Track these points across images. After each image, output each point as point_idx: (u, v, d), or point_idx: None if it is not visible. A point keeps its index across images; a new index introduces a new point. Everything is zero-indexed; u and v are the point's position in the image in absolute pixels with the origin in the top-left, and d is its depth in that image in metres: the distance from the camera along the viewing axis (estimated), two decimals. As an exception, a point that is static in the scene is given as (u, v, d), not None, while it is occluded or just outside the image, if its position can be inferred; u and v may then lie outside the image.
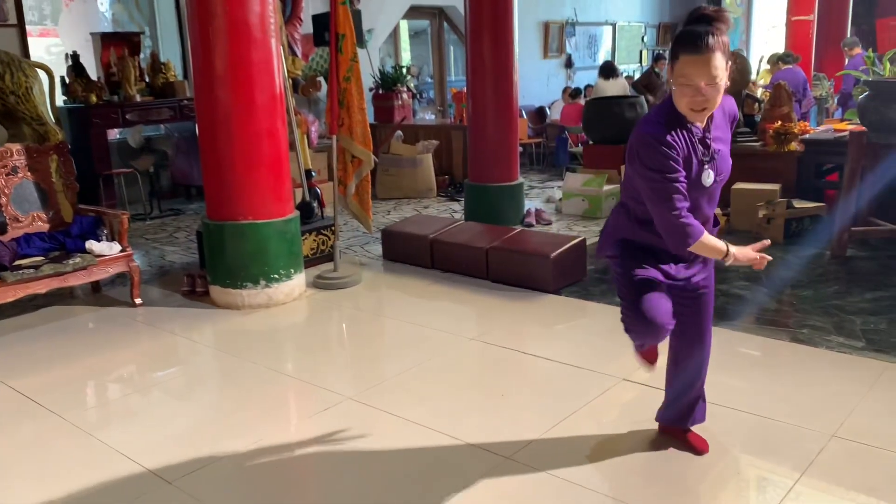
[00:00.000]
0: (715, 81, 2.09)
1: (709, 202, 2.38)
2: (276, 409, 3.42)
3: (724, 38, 2.09)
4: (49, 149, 4.95)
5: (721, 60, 2.08)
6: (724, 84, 2.13)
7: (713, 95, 2.12)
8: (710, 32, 2.07)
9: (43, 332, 4.37)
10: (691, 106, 2.14)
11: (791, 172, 6.13)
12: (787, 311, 4.29)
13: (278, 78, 4.57)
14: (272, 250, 4.61)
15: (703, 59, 2.07)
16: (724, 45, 2.09)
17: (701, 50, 2.06)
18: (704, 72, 2.08)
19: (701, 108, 2.15)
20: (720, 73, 2.09)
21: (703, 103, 2.13)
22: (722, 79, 2.10)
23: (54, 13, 8.25)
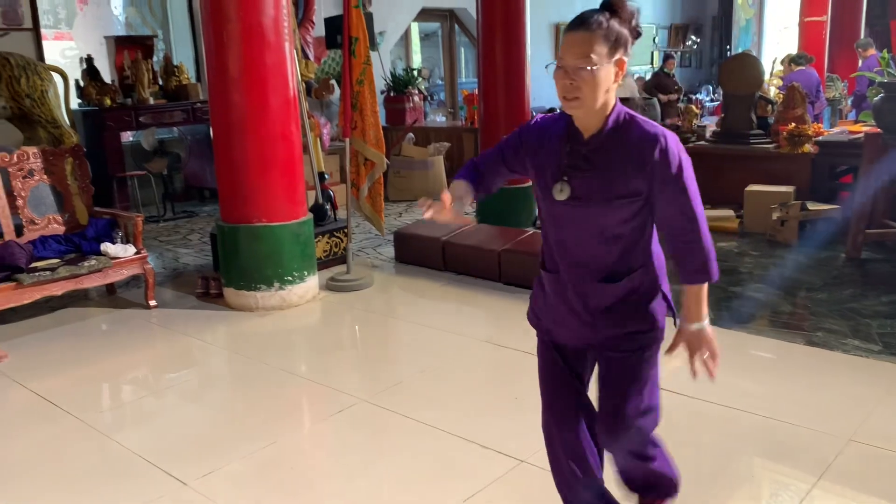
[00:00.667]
0: (587, 64, 1.76)
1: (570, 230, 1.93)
2: (290, 411, 3.43)
3: (614, 26, 1.78)
4: (64, 152, 4.99)
5: (601, 45, 1.76)
6: (602, 75, 1.78)
7: (585, 82, 1.77)
8: (600, 16, 1.79)
9: (58, 333, 4.40)
10: (562, 92, 1.82)
11: (805, 174, 6.11)
12: (802, 314, 4.27)
13: (292, 81, 4.59)
14: (286, 252, 4.63)
15: (578, 37, 1.78)
16: (612, 33, 1.78)
17: (578, 27, 1.79)
18: (577, 50, 1.77)
19: (572, 97, 1.80)
20: (595, 58, 1.76)
21: (573, 90, 1.79)
22: (598, 65, 1.76)
23: (69, 17, 8.32)
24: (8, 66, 6.14)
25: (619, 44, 1.80)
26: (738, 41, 15.38)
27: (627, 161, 1.83)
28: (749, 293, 4.58)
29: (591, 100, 1.80)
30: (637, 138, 1.83)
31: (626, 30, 1.80)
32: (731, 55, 10.80)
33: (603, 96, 1.81)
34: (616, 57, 1.80)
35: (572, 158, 1.88)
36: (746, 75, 6.60)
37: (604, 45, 1.77)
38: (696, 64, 15.57)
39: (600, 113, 1.84)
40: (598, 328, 1.99)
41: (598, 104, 1.82)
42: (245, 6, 4.32)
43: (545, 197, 1.92)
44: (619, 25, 1.79)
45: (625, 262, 1.94)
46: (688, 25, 15.21)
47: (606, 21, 1.78)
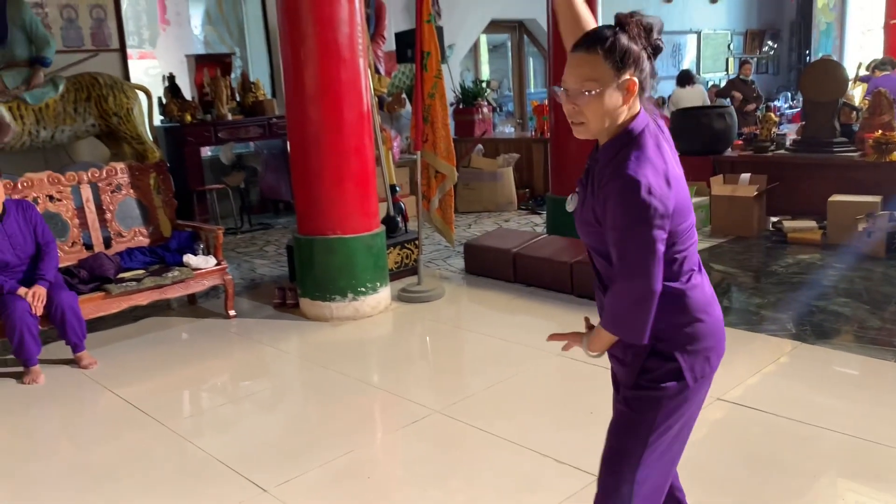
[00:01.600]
0: (585, 89, 1.61)
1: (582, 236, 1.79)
2: (365, 421, 3.48)
3: (621, 44, 1.61)
4: (149, 167, 5.21)
5: (604, 67, 1.60)
6: (604, 100, 1.62)
7: (588, 110, 1.63)
8: (607, 35, 1.62)
9: (143, 341, 4.58)
10: (567, 116, 1.69)
11: (893, 183, 5.84)
12: (891, 329, 4.08)
13: (366, 96, 4.67)
14: (359, 264, 4.70)
15: (579, 59, 1.63)
16: (619, 52, 1.60)
17: (580, 47, 1.64)
18: (577, 73, 1.63)
19: (578, 122, 1.67)
20: (597, 80, 1.61)
21: (574, 114, 1.66)
22: (601, 90, 1.61)
23: (152, 37, 8.68)
24: (97, 85, 6.45)
25: (626, 63, 1.61)
26: (818, 45, 14.88)
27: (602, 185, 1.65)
28: (834, 307, 4.41)
29: (596, 125, 1.66)
30: (610, 170, 1.64)
31: (636, 46, 1.62)
32: (812, 60, 10.45)
33: (609, 119, 1.65)
34: (623, 78, 1.62)
35: (584, 172, 1.78)
36: (829, 81, 6.37)
37: (607, 66, 1.61)
38: (773, 70, 15.13)
39: (610, 131, 1.68)
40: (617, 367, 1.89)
41: (605, 128, 1.66)
42: (321, 24, 4.42)
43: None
44: (628, 42, 1.62)
45: None
46: (764, 31, 14.81)
47: (612, 38, 1.61)
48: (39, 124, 6.21)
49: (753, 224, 6.26)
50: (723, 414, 3.22)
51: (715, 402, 3.29)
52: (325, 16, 4.42)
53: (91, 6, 7.24)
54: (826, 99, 6.36)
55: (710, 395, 3.32)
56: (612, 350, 1.82)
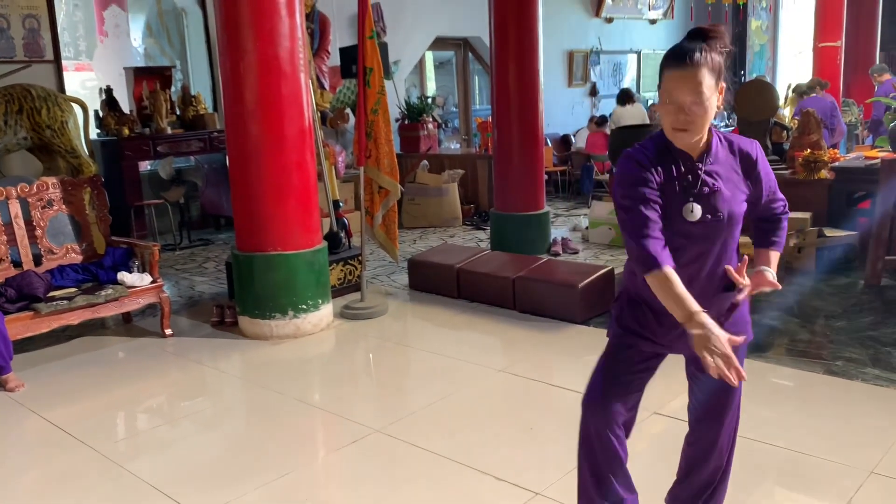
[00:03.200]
0: (700, 99, 1.87)
1: (702, 247, 1.99)
2: (305, 441, 3.42)
3: (714, 56, 1.89)
4: (83, 182, 5.06)
5: (708, 77, 1.87)
6: (711, 105, 1.89)
7: (698, 115, 1.89)
8: (699, 48, 1.88)
9: (75, 362, 4.43)
10: (673, 125, 1.92)
11: (822, 201, 6.05)
12: (821, 342, 4.22)
13: (307, 111, 4.64)
14: (300, 281, 4.64)
15: (687, 74, 1.87)
16: (714, 63, 1.89)
17: (685, 64, 1.87)
18: (688, 87, 1.87)
19: (683, 128, 1.91)
20: (706, 91, 1.87)
21: (686, 123, 1.90)
22: (709, 98, 1.88)
23: (89, 48, 8.47)
24: (29, 97, 6.25)
25: (721, 72, 1.92)
26: (752, 66, 15.39)
27: (739, 171, 2.02)
28: (766, 321, 4.53)
29: (701, 128, 1.93)
30: (741, 149, 2.03)
31: (721, 57, 1.92)
32: (746, 81, 10.79)
33: (710, 121, 1.95)
34: (719, 84, 1.92)
35: (693, 179, 1.97)
36: (761, 101, 6.59)
37: (711, 78, 1.88)
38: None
39: (703, 134, 1.96)
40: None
41: (705, 130, 1.96)
42: (261, 38, 4.38)
43: (670, 220, 1.95)
44: (717, 55, 1.90)
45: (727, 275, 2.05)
46: (701, 51, 15.24)
47: (708, 53, 1.88)
48: (-33, 137, 5.98)
49: (691, 240, 6.39)
50: (661, 428, 3.27)
51: (652, 416, 3.34)
52: (265, 30, 4.38)
53: (24, 16, 7.04)
54: (758, 118, 6.58)
55: (649, 409, 3.39)
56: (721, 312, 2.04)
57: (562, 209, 9.27)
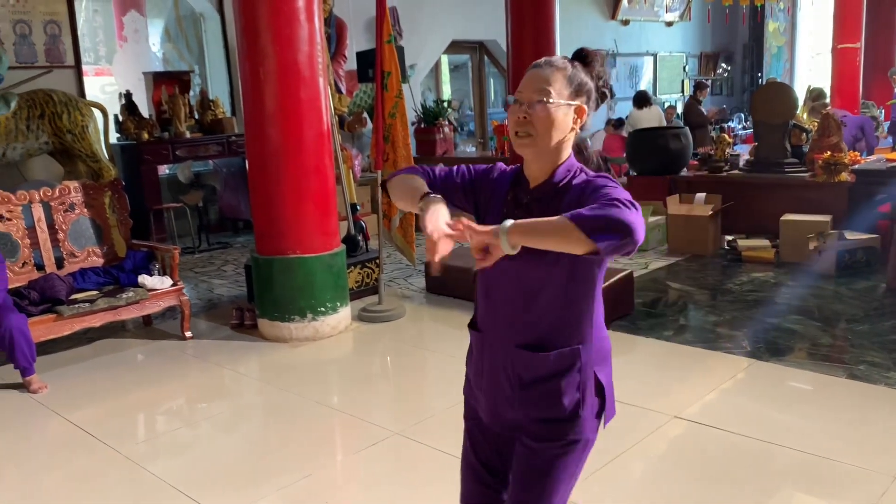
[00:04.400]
0: (544, 100, 1.62)
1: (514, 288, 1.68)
2: (323, 444, 3.44)
3: (579, 73, 1.67)
4: (104, 186, 5.11)
5: (562, 85, 1.64)
6: (559, 116, 1.63)
7: (540, 119, 1.62)
8: (565, 58, 1.70)
9: (96, 364, 4.47)
10: (514, 127, 1.66)
11: (842, 203, 6.02)
12: (842, 346, 4.18)
13: (326, 115, 4.66)
14: (319, 284, 4.66)
15: (539, 72, 1.66)
16: (576, 77, 1.66)
17: (536, 65, 1.69)
18: (535, 84, 1.65)
19: (524, 133, 1.64)
20: (554, 95, 1.62)
21: (525, 125, 1.63)
22: (556, 106, 1.62)
23: (109, 54, 8.56)
24: (51, 102, 6.32)
25: (581, 90, 1.68)
26: (770, 68, 15.30)
27: (566, 208, 1.55)
28: (787, 324, 4.50)
29: (543, 139, 1.64)
30: (578, 184, 1.65)
31: (591, 82, 1.70)
32: (763, 83, 10.73)
33: (556, 138, 1.65)
34: (577, 102, 1.67)
35: (512, 207, 1.71)
36: (779, 104, 6.55)
37: (565, 85, 1.66)
38: (726, 92, 15.50)
39: (551, 160, 1.67)
40: (515, 404, 1.71)
41: (551, 145, 1.65)
42: (280, 43, 4.41)
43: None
44: (585, 76, 1.69)
45: (557, 334, 1.68)
46: (718, 54, 15.18)
47: (573, 66, 1.68)
48: (-10, 141, 6.06)
49: (709, 243, 6.37)
50: (680, 431, 3.25)
51: (672, 420, 3.33)
52: (284, 35, 4.41)
53: (45, 22, 7.12)
54: (777, 121, 6.54)
55: (669, 413, 3.37)
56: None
57: (578, 212, 9.22)
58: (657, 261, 6.36)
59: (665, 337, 4.45)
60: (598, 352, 1.74)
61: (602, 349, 1.76)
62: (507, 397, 1.72)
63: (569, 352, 1.68)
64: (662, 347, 4.30)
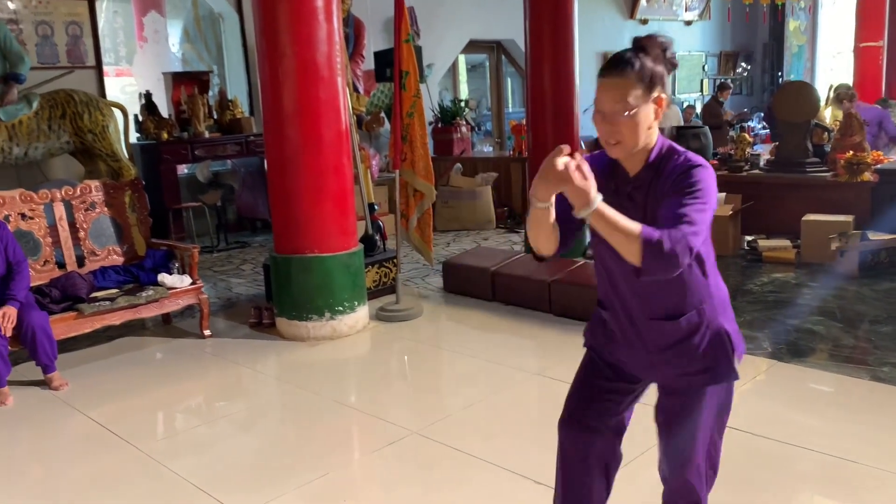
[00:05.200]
0: (624, 110, 1.73)
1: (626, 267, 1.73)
2: (341, 443, 3.44)
3: (647, 64, 1.74)
4: (124, 185, 5.15)
5: (636, 88, 1.72)
6: (642, 117, 1.74)
7: (626, 126, 1.74)
8: (630, 56, 1.75)
9: (116, 362, 4.51)
10: (602, 137, 1.79)
11: (864, 203, 5.94)
12: (866, 348, 4.13)
13: (344, 115, 4.67)
14: (337, 283, 4.67)
15: (612, 82, 1.75)
16: (646, 71, 1.74)
17: (607, 72, 1.76)
18: (611, 95, 1.74)
19: (614, 142, 1.77)
20: (632, 101, 1.72)
21: (613, 135, 1.76)
22: (636, 108, 1.72)
23: (129, 54, 8.64)
24: (72, 102, 6.39)
25: (654, 82, 1.76)
26: (791, 68, 15.14)
27: (664, 194, 1.77)
28: (808, 325, 4.45)
29: (632, 142, 1.77)
30: (675, 166, 1.79)
31: (660, 66, 1.77)
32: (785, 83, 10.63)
33: (644, 136, 1.78)
34: (654, 95, 1.76)
35: (616, 197, 1.82)
36: (801, 103, 6.48)
37: (639, 87, 1.73)
38: (746, 91, 15.37)
39: (643, 151, 1.81)
40: (655, 367, 1.95)
41: (640, 144, 1.79)
42: (299, 43, 4.42)
43: (594, 234, 1.78)
44: (653, 63, 1.75)
45: (681, 300, 1.86)
46: (738, 53, 15.05)
47: (639, 61, 1.74)
48: (12, 141, 6.14)
49: (729, 243, 6.32)
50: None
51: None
52: (303, 35, 4.42)
53: (67, 23, 7.20)
54: (799, 120, 6.47)
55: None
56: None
57: (596, 212, 9.19)
58: (676, 261, 6.30)
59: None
60: (719, 302, 1.92)
61: (721, 298, 1.94)
62: (644, 361, 1.96)
63: (695, 313, 1.86)
64: (682, 348, 4.26)
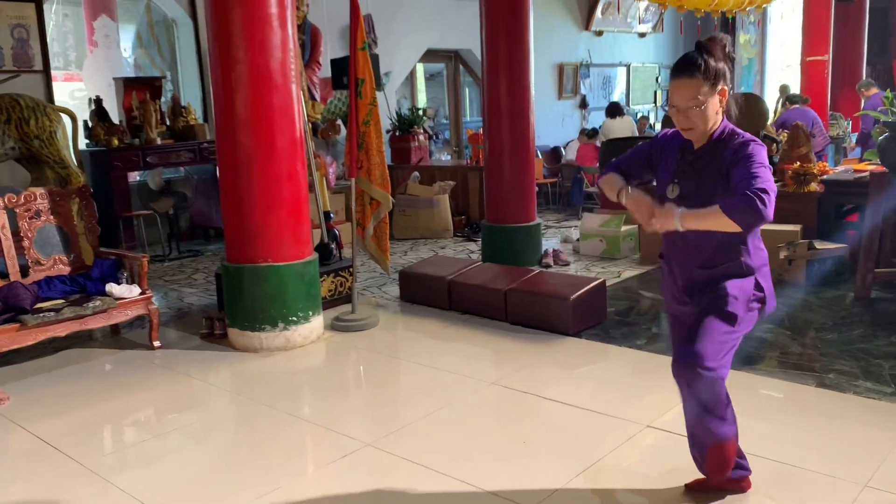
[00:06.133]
0: (695, 104, 2.23)
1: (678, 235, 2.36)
2: (293, 456, 3.38)
3: (711, 63, 2.21)
4: (71, 192, 5.01)
5: (704, 86, 2.22)
6: (710, 107, 2.25)
7: (697, 117, 2.26)
8: (695, 58, 2.22)
9: (61, 375, 4.37)
10: (679, 125, 2.33)
11: (811, 213, 6.09)
12: (812, 355, 4.22)
13: (298, 122, 4.62)
14: (291, 293, 4.61)
15: (681, 83, 2.25)
16: (710, 70, 2.22)
17: (680, 73, 2.25)
18: (683, 94, 2.24)
19: (687, 128, 2.30)
20: (700, 97, 2.22)
21: (686, 123, 2.29)
22: (704, 102, 2.23)
23: (79, 59, 8.44)
24: (18, 107, 6.21)
25: (718, 78, 2.23)
26: (741, 80, 15.50)
27: (722, 163, 2.26)
28: (757, 333, 4.53)
29: (703, 128, 2.30)
30: (733, 144, 2.27)
31: (721, 63, 2.22)
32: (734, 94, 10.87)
33: (712, 122, 2.29)
34: (718, 88, 2.25)
35: (682, 164, 2.38)
36: (751, 114, 6.63)
37: (706, 85, 2.22)
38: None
39: (710, 132, 2.32)
40: (694, 298, 2.45)
41: (709, 129, 2.30)
42: (253, 49, 4.37)
43: (661, 194, 2.41)
44: (716, 62, 2.21)
45: (722, 255, 2.36)
46: (690, 65, 15.34)
47: (704, 62, 2.20)
48: (-46, 147, 5.93)
49: (682, 252, 6.40)
50: (653, 440, 3.25)
51: (645, 429, 3.32)
52: (257, 41, 4.37)
53: (12, 26, 7.00)
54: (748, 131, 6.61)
55: (642, 422, 3.37)
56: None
57: (553, 221, 9.27)
58: (630, 269, 6.38)
59: (637, 346, 4.46)
60: (757, 259, 2.40)
61: (760, 257, 2.42)
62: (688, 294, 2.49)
63: (734, 264, 2.37)
64: (635, 356, 4.31)
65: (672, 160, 2.41)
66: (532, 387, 3.94)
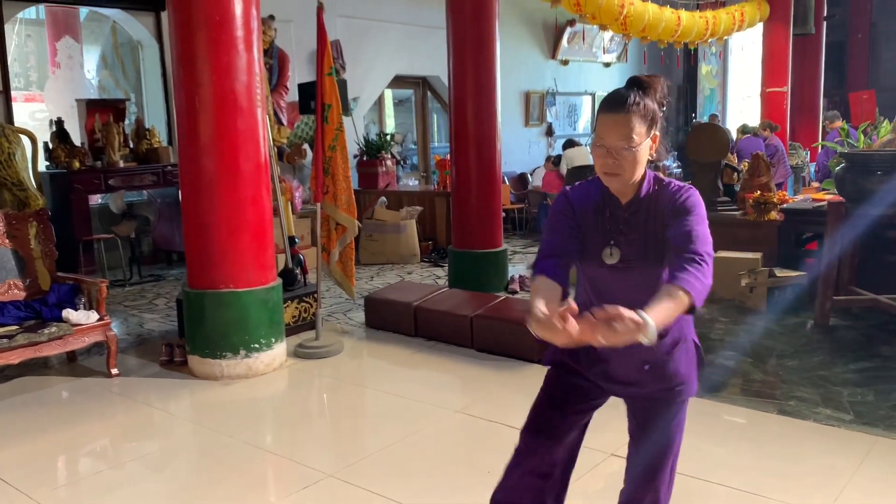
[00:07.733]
0: (629, 145, 1.89)
1: (625, 291, 1.94)
2: (255, 487, 3.31)
3: (647, 104, 1.92)
4: (28, 216, 4.90)
5: (639, 125, 1.89)
6: (642, 152, 1.92)
7: (626, 160, 1.90)
8: (633, 95, 1.92)
9: (14, 403, 4.24)
10: (603, 168, 1.95)
11: (772, 241, 6.19)
12: (773, 382, 4.26)
13: (264, 146, 4.59)
14: (253, 319, 4.54)
15: (617, 119, 1.90)
16: (647, 110, 1.91)
17: (616, 109, 1.91)
18: (617, 132, 1.89)
19: (613, 172, 1.94)
20: (636, 138, 1.89)
21: (615, 167, 1.92)
22: (639, 144, 1.89)
23: (41, 79, 8.31)
24: (-25, 128, 6.06)
25: (654, 120, 1.94)
26: (703, 110, 15.83)
27: (665, 217, 1.95)
28: (720, 360, 4.57)
29: (630, 174, 1.94)
30: (668, 195, 1.96)
31: (656, 105, 1.94)
32: (696, 124, 11.09)
33: (641, 169, 1.96)
34: (652, 133, 1.94)
35: (613, 223, 2.00)
36: (713, 144, 6.75)
37: (642, 125, 1.90)
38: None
39: (636, 182, 1.98)
40: (640, 382, 2.07)
41: (637, 177, 1.96)
42: (218, 72, 4.34)
43: (591, 261, 2.01)
44: (651, 102, 1.93)
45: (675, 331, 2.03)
46: (654, 94, 15.63)
47: (641, 99, 1.91)
48: None
49: (646, 279, 6.46)
50: (618, 468, 3.23)
51: (609, 458, 3.32)
52: (222, 64, 4.34)
53: (-28, 45, 6.87)
54: (710, 160, 6.73)
55: (606, 451, 3.37)
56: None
57: (519, 247, 9.31)
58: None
59: (603, 373, 4.46)
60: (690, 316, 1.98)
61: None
62: (631, 377, 2.06)
63: (677, 329, 2.01)
64: (600, 383, 4.31)
65: (596, 220, 2.02)
66: (497, 415, 3.92)
